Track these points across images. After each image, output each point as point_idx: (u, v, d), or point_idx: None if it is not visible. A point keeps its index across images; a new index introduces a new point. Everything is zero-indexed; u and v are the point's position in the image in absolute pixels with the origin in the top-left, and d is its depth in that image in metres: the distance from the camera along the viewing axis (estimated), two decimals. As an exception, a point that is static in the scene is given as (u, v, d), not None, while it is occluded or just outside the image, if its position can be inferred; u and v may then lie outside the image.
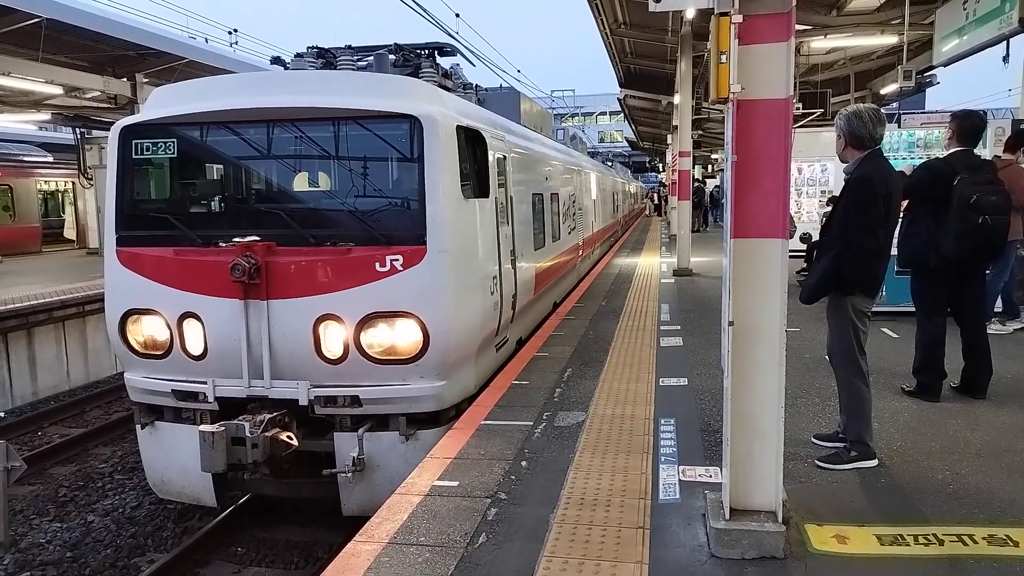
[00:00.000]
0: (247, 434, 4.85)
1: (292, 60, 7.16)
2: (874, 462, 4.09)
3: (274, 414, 5.09)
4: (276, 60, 7.49)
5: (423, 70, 7.34)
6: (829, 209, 4.56)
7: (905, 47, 12.47)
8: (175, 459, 5.62)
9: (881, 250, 4.05)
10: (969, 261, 5.04)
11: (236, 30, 20.48)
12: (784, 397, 3.15)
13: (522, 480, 4.08)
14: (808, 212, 14.20)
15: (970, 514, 3.50)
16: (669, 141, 26.75)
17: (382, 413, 5.25)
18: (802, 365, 6.26)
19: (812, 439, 4.47)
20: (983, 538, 3.25)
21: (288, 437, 5.10)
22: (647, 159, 54.53)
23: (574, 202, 12.41)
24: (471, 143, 5.87)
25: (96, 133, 18.69)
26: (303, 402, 5.21)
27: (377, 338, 5.15)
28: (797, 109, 13.86)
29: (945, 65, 10.85)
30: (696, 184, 23.71)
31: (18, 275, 14.84)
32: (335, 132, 5.33)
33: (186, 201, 5.85)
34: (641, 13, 13.65)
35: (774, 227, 3.09)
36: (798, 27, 10.41)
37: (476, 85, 9.14)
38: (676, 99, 16.38)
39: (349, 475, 5.11)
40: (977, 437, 4.52)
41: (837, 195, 4.34)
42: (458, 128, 5.51)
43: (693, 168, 20.53)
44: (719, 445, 3.95)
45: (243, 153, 5.63)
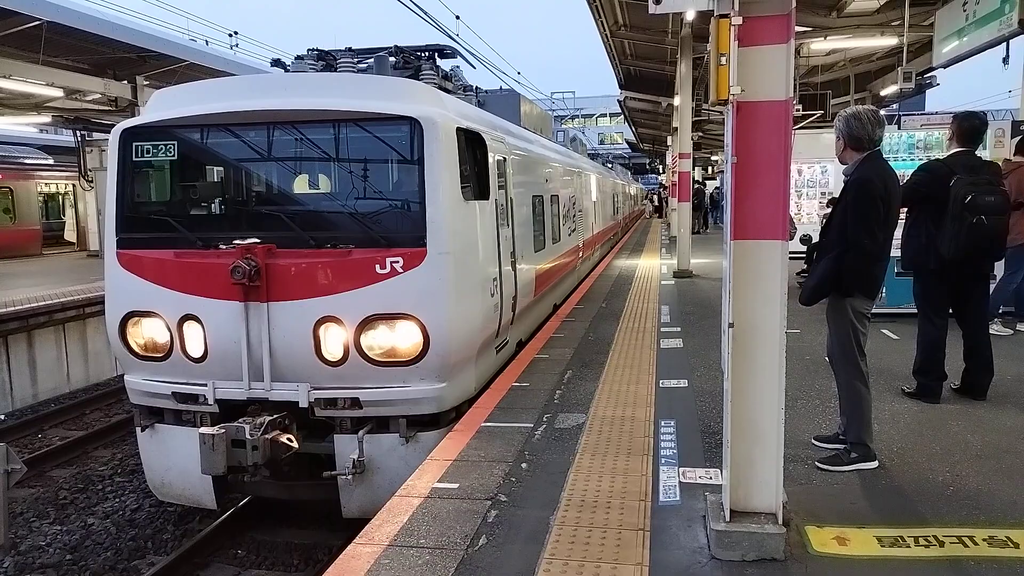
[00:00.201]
0: (247, 436, 4.85)
1: (292, 62, 7.16)
2: (874, 464, 4.09)
3: (274, 416, 5.09)
4: (276, 62, 7.49)
5: (423, 72, 7.34)
6: (829, 211, 4.56)
7: (905, 48, 12.47)
8: (175, 461, 5.62)
9: (880, 252, 4.05)
10: (968, 262, 4.99)
11: (236, 32, 20.48)
12: (784, 399, 3.15)
13: (522, 482, 4.07)
14: (808, 213, 14.17)
15: (970, 516, 3.50)
16: (669, 143, 26.72)
17: (382, 415, 5.25)
18: (802, 366, 6.26)
19: (812, 441, 4.47)
20: (983, 540, 3.25)
21: (288, 439, 5.11)
22: (647, 161, 54.47)
23: (574, 204, 12.41)
24: (471, 145, 5.87)
25: (96, 135, 18.76)
26: (303, 404, 5.21)
27: (377, 340, 5.15)
28: (797, 111, 13.86)
29: (945, 67, 10.84)
30: (696, 186, 23.71)
31: (18, 277, 14.85)
32: (335, 134, 5.33)
33: (186, 203, 5.85)
34: (641, 15, 13.68)
35: (774, 229, 3.09)
36: (798, 29, 10.43)
37: (476, 87, 9.14)
38: (676, 101, 16.39)
39: (349, 477, 5.10)
40: (977, 439, 4.52)
41: (837, 197, 4.34)
42: (458, 130, 5.51)
43: (693, 170, 20.55)
44: (719, 447, 3.96)
45: (243, 155, 5.63)
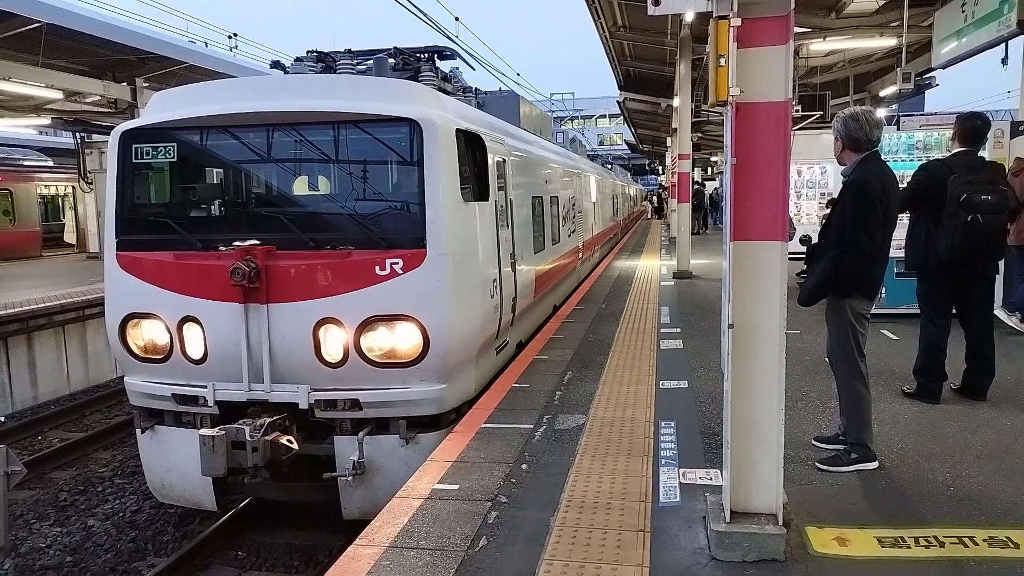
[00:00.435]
0: (247, 438, 4.85)
1: (292, 64, 7.17)
2: (874, 464, 4.09)
3: (274, 418, 5.09)
4: (276, 64, 7.50)
5: (423, 74, 7.34)
6: (828, 211, 4.56)
7: (904, 49, 12.48)
8: (175, 463, 5.62)
9: (878, 252, 4.04)
10: (966, 261, 4.98)
11: (236, 34, 20.60)
12: (784, 399, 3.16)
13: (522, 483, 4.07)
14: (808, 214, 14.17)
15: (971, 516, 3.50)
16: (669, 144, 26.75)
17: (382, 416, 5.25)
18: (802, 367, 6.26)
19: (812, 441, 4.47)
20: (984, 540, 3.26)
21: (288, 441, 5.11)
22: (647, 162, 54.53)
23: (574, 205, 12.41)
24: (471, 146, 5.87)
25: (96, 137, 18.75)
26: (303, 406, 5.21)
27: (377, 341, 5.15)
28: (796, 111, 13.87)
29: (944, 67, 10.84)
30: (696, 187, 23.71)
31: (18, 279, 14.85)
32: (335, 136, 5.33)
33: (186, 205, 5.85)
34: (640, 16, 13.68)
35: (774, 229, 3.09)
36: (797, 30, 10.42)
37: (476, 88, 9.15)
38: (675, 102, 16.41)
39: (349, 479, 5.10)
40: (977, 439, 4.52)
41: (836, 197, 4.34)
42: (458, 131, 5.51)
43: (693, 171, 20.53)
44: (719, 448, 3.96)
45: (243, 157, 5.64)
